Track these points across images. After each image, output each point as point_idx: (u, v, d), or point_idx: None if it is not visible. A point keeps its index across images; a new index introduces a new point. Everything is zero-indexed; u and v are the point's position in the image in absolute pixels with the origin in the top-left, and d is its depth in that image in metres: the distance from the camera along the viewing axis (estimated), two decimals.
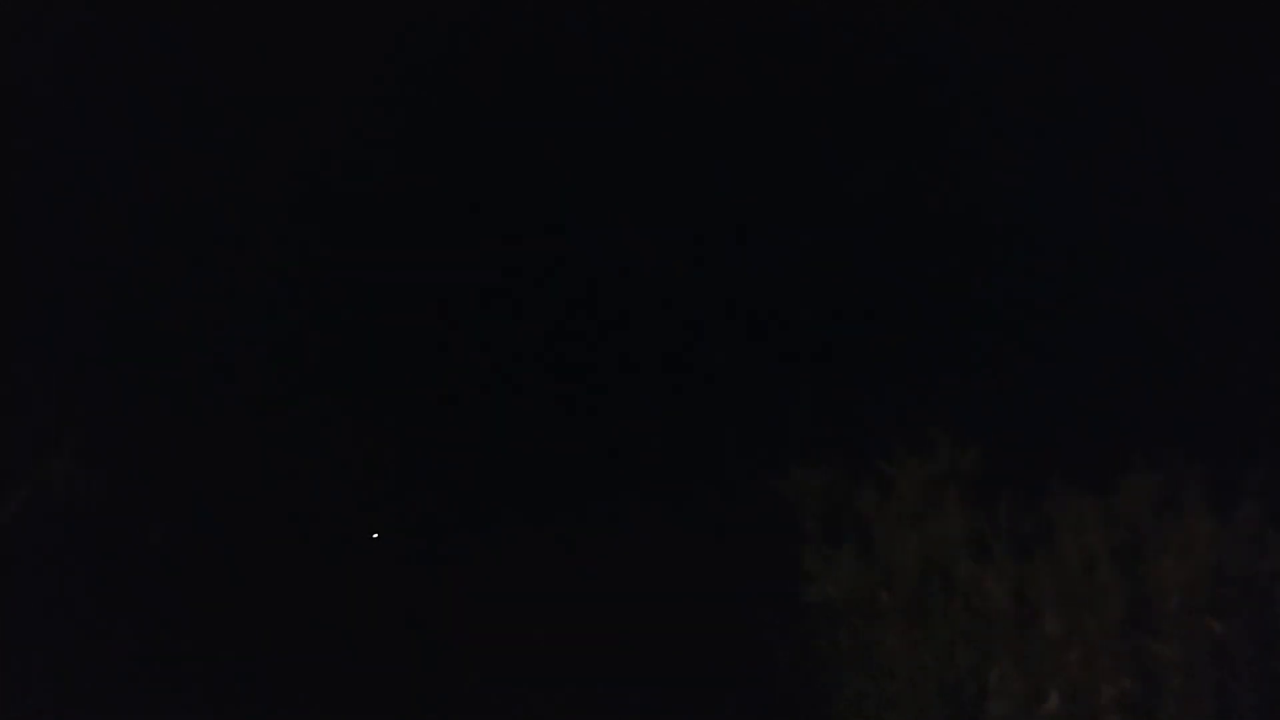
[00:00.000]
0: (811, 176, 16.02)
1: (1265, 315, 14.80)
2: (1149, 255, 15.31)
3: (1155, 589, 13.02)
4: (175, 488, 14.38)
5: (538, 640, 15.07)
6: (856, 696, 13.99)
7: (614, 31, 16.20)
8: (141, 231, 14.78)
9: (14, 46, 14.32)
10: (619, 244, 16.05)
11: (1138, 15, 15.14)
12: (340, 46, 15.28)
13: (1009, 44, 15.28)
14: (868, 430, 13.97)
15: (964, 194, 15.56)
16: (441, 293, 16.39)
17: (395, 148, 16.13)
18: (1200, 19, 15.00)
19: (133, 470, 13.95)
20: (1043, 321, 15.36)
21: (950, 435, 13.66)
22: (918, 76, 15.82)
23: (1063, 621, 13.08)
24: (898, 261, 15.57)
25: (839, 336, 15.62)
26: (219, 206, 15.24)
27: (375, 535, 16.23)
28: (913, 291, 15.47)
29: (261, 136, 15.29)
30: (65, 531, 13.62)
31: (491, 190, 16.61)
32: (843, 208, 15.88)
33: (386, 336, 16.25)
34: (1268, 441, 13.32)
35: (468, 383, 16.44)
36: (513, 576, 15.33)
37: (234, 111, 15.31)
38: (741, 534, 14.72)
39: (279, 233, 15.62)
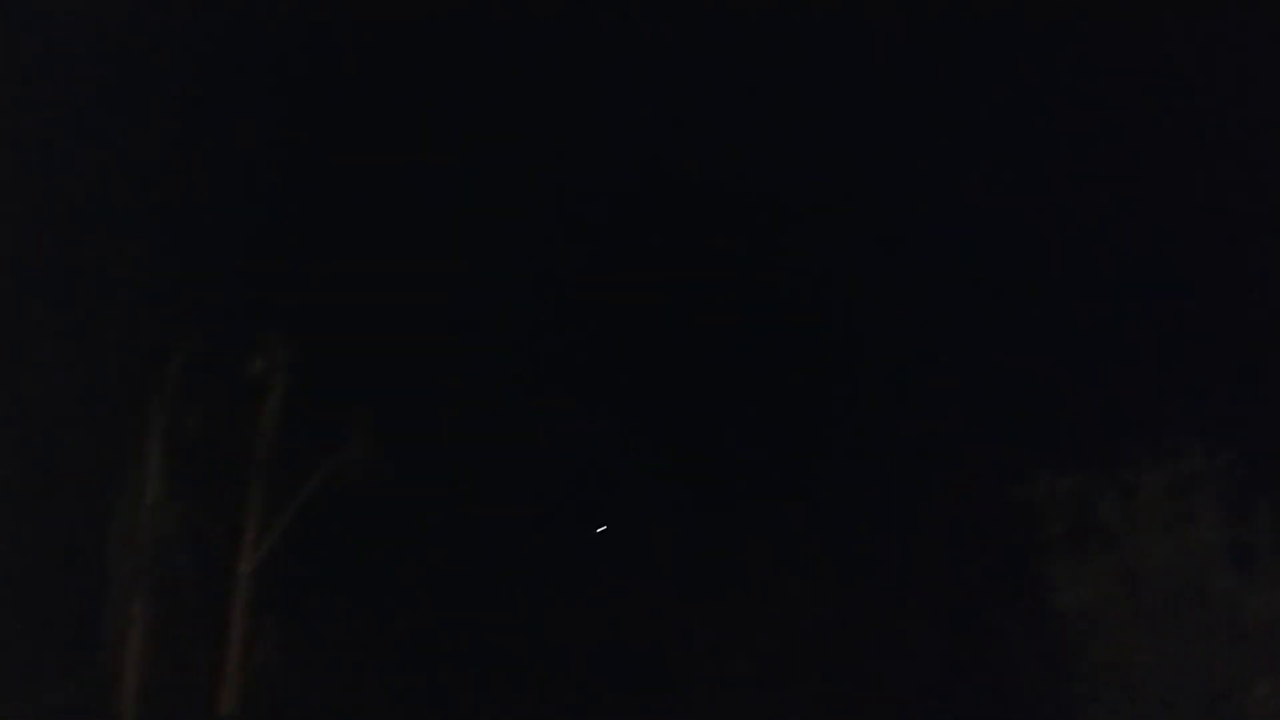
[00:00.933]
0: (1058, 196, 15.78)
1: None
2: None
3: None
4: (456, 474, 15.50)
5: (768, 638, 15.37)
6: (1108, 711, 13.51)
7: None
8: (441, 235, 15.92)
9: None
10: (865, 251, 16.22)
11: None
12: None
13: None
14: (1113, 435, 13.47)
15: (1219, 199, 14.84)
16: (703, 297, 16.97)
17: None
18: None
19: (419, 456, 15.15)
20: None
21: (1202, 439, 12.97)
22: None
23: None
24: (1145, 266, 14.97)
25: (1080, 342, 15.15)
26: (526, 220, 16.27)
27: (602, 529, 17.05)
28: (1160, 295, 14.80)
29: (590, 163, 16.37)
30: (357, 511, 14.98)
31: (752, 205, 17.08)
32: (1090, 222, 15.52)
33: (647, 338, 16.93)
34: None
35: (719, 385, 16.93)
36: (750, 574, 15.68)
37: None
38: (984, 540, 14.51)
39: (569, 247, 16.64)
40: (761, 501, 16.03)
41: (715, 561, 15.95)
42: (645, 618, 15.32)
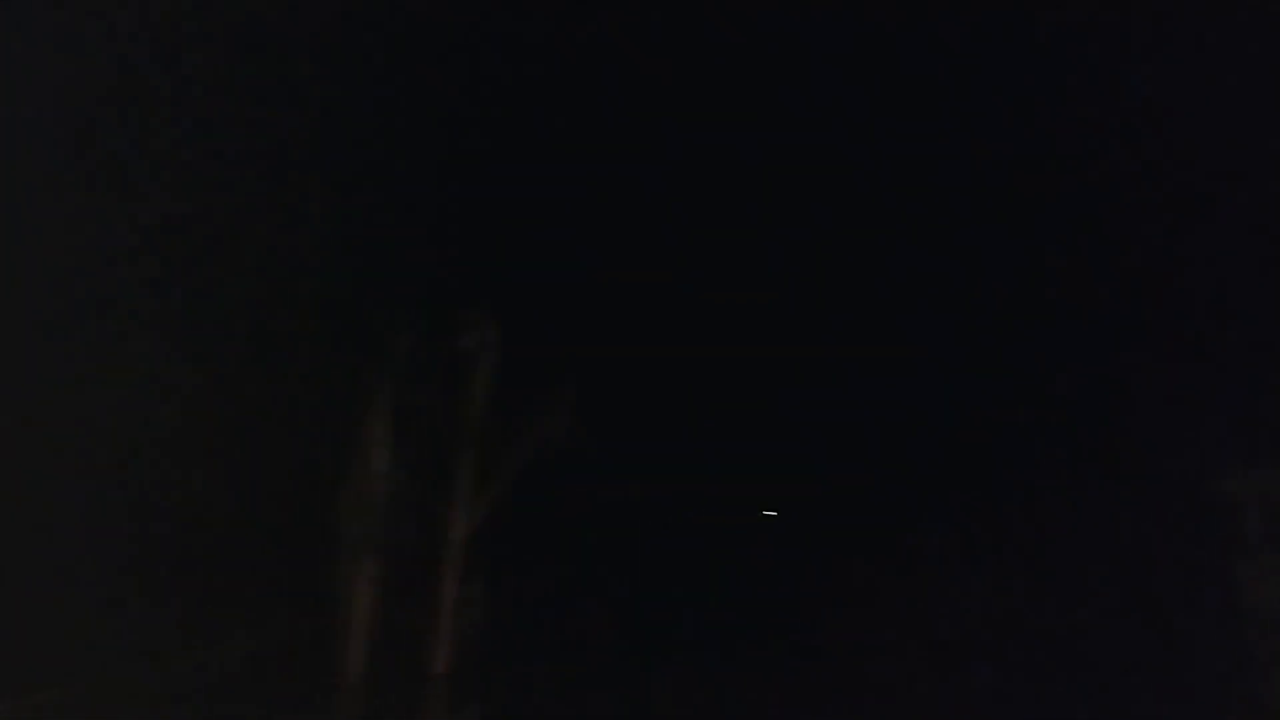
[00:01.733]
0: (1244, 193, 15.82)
1: None
2: None
3: None
4: (653, 452, 16.16)
5: (952, 633, 15.87)
6: None
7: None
8: (651, 214, 16.41)
9: None
10: (1061, 244, 16.44)
11: None
12: None
13: None
14: None
15: None
16: (901, 289, 17.36)
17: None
18: None
19: (620, 432, 15.81)
20: None
21: None
22: None
23: None
24: None
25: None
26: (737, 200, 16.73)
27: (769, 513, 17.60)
28: None
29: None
30: (561, 484, 15.70)
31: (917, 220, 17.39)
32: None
33: (856, 326, 17.37)
34: None
35: (911, 375, 17.32)
36: (936, 569, 16.16)
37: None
38: (1176, 538, 14.81)
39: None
40: (952, 496, 16.56)
41: (904, 556, 16.53)
42: (842, 603, 15.93)
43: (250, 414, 14.90)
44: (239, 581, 15.15)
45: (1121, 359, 16.33)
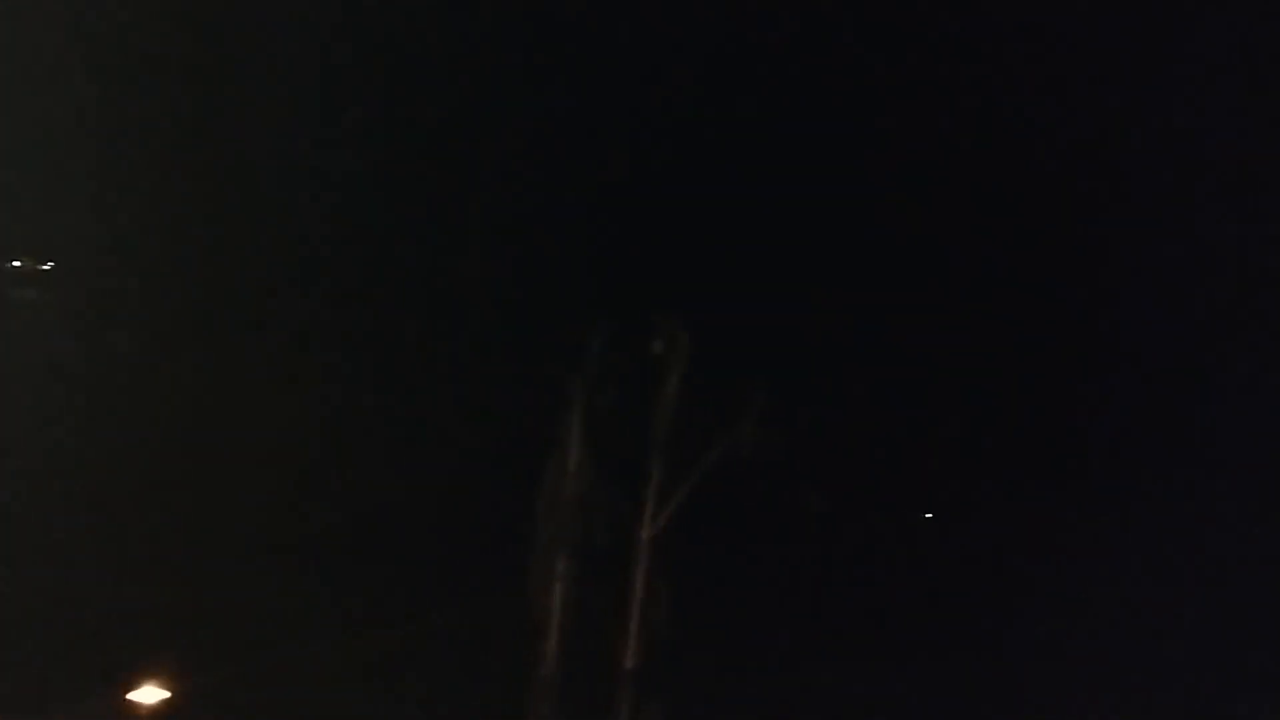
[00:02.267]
0: None
1: None
2: None
3: None
4: (834, 458, 16.78)
5: (1126, 626, 16.57)
6: None
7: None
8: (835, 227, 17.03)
9: None
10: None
11: None
12: None
13: None
14: None
15: None
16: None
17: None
18: None
19: (805, 438, 16.39)
20: None
21: None
22: None
23: None
24: None
25: None
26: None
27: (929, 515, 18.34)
28: None
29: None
30: (748, 485, 16.24)
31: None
32: None
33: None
34: None
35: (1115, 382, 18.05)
36: (1089, 562, 16.93)
37: None
38: None
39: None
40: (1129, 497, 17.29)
41: (1081, 555, 17.10)
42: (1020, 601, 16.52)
43: (456, 415, 15.32)
44: (443, 572, 15.58)
45: None
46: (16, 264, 25.89)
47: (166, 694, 14.70)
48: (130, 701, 14.58)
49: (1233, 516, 16.49)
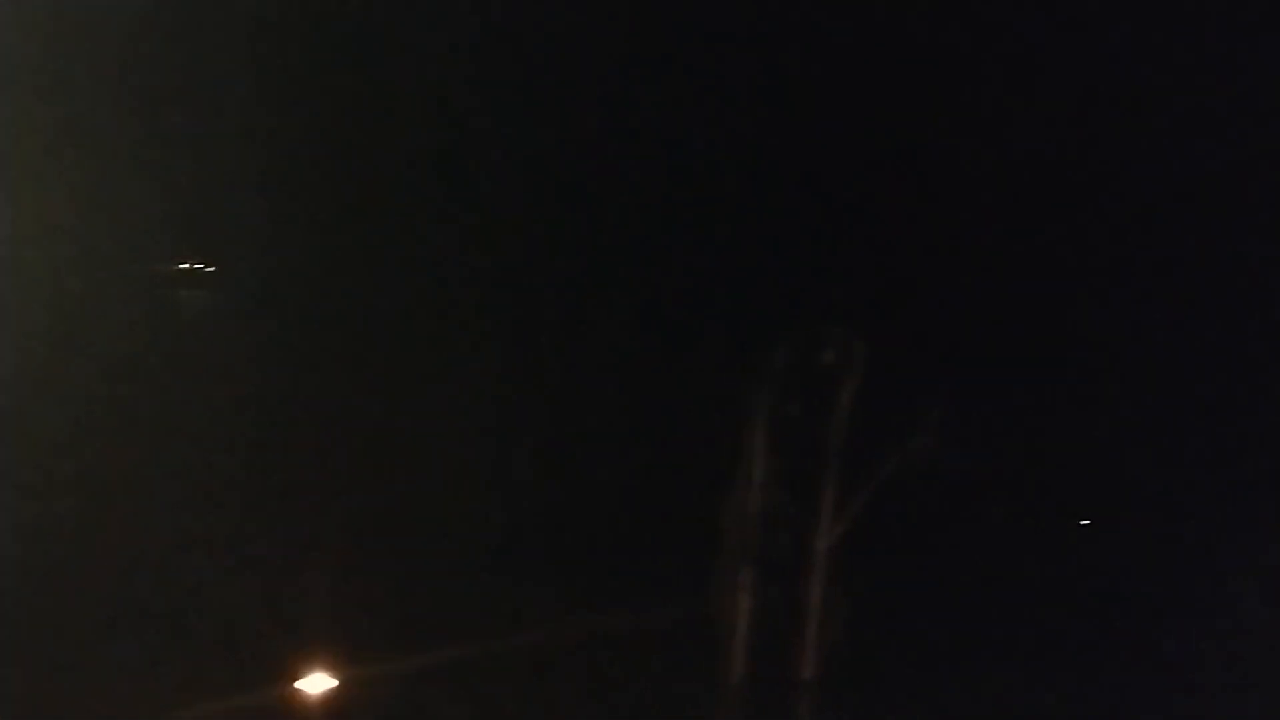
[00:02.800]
0: None
1: None
2: None
3: None
4: (1011, 463, 16.87)
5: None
6: None
7: None
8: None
9: None
10: None
11: None
12: None
13: None
14: None
15: None
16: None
17: None
18: None
19: (983, 454, 16.51)
20: None
21: None
22: None
23: None
24: None
25: None
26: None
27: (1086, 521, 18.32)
28: None
29: None
30: (925, 496, 16.40)
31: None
32: None
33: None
34: None
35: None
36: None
37: None
38: None
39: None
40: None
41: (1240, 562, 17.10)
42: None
43: (643, 423, 15.66)
44: (625, 578, 15.97)
45: None
46: (184, 266, 26.72)
47: (334, 683, 15.18)
48: (298, 689, 15.08)
49: None
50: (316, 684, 15.02)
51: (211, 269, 26.83)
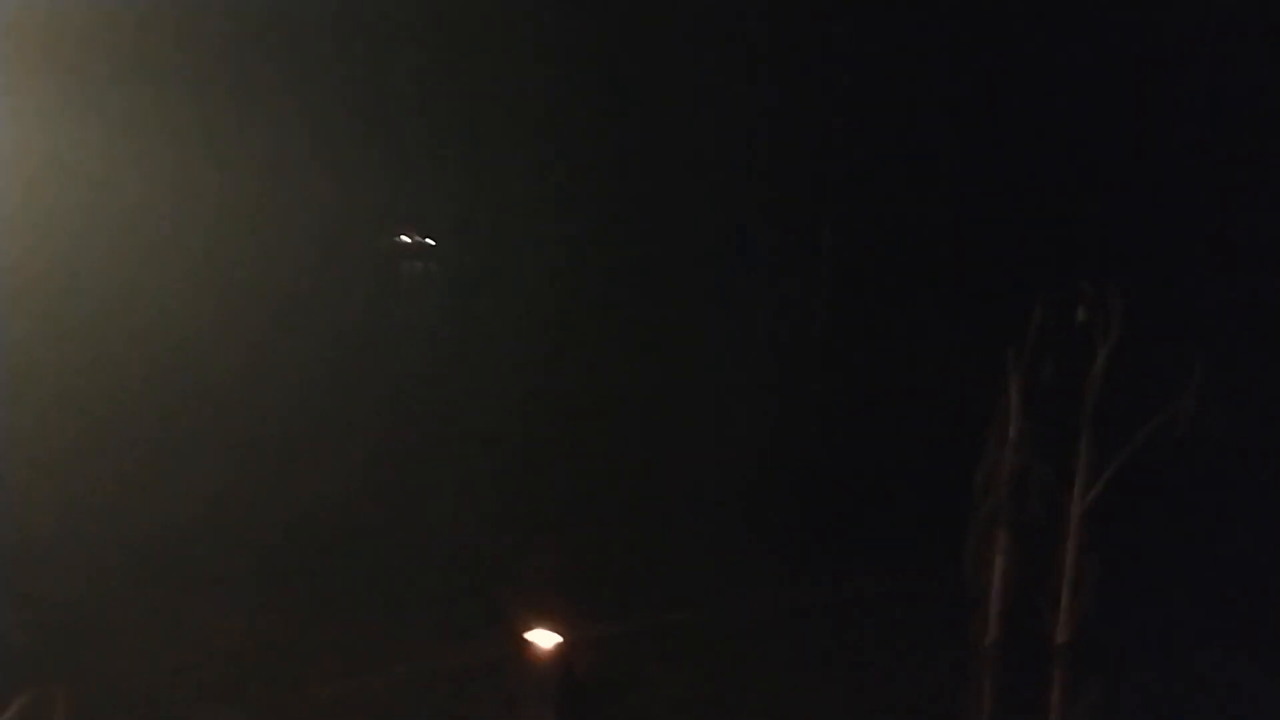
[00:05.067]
0: None
1: None
2: None
3: None
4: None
5: None
6: None
7: None
8: None
9: None
10: None
11: None
12: None
13: None
14: None
15: None
16: None
17: None
18: None
19: (1248, 415, 16.00)
20: None
21: None
22: None
23: None
24: None
25: None
26: None
27: None
28: None
29: None
30: (1185, 461, 15.96)
31: None
32: None
33: None
34: None
35: None
36: None
37: None
38: None
39: None
40: None
41: None
42: None
43: (895, 385, 15.61)
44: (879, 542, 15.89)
45: None
46: (405, 239, 27.61)
47: (559, 639, 15.42)
48: (526, 641, 15.34)
49: None
50: (544, 639, 15.28)
51: (431, 242, 27.62)
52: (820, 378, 17.25)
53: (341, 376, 23.74)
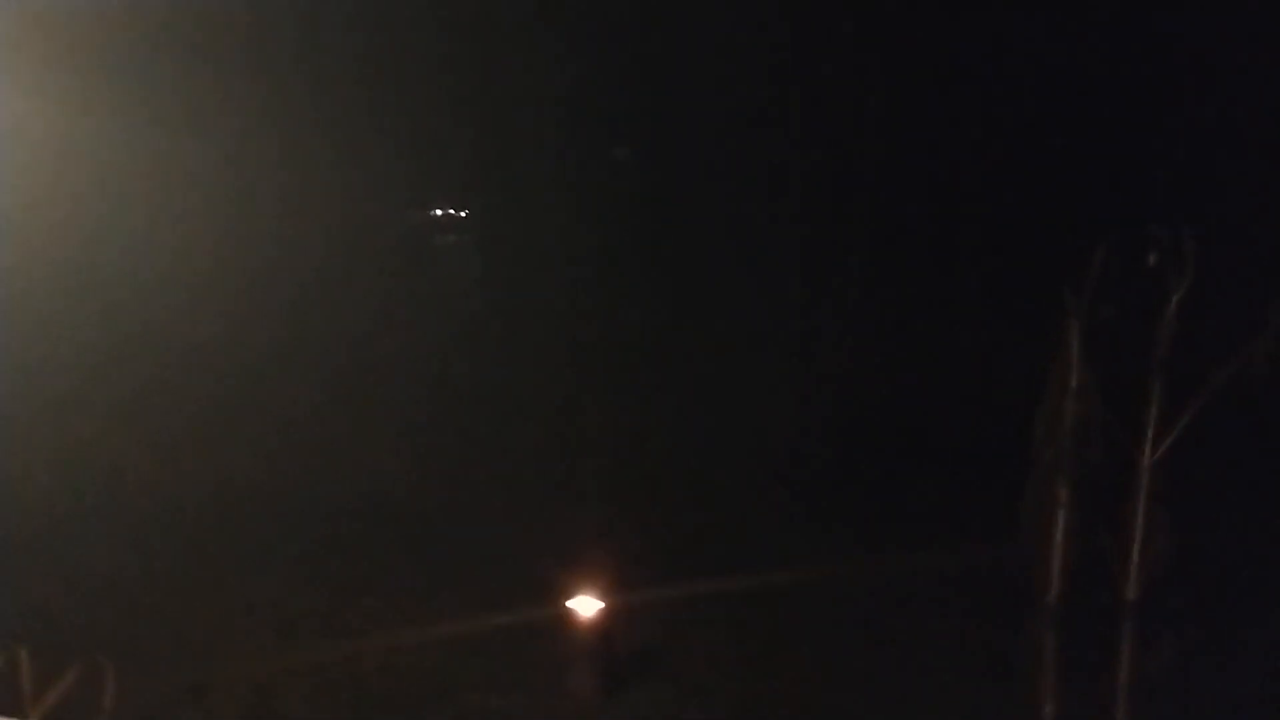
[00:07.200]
0: None
1: None
2: None
3: None
4: None
5: None
6: None
7: None
8: None
9: None
10: None
11: None
12: None
13: None
14: None
15: None
16: None
17: None
18: None
19: None
20: None
21: None
22: None
23: None
24: None
25: None
26: None
27: None
28: None
29: None
30: (1260, 409, 15.28)
31: None
32: None
33: None
34: None
35: None
36: None
37: None
38: None
39: None
40: None
41: None
42: None
43: (954, 334, 15.06)
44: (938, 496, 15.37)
45: None
46: (438, 212, 27.26)
47: (601, 605, 15.12)
48: (568, 608, 15.08)
49: None
50: (586, 606, 15.03)
51: (464, 215, 27.28)
52: (874, 329, 16.72)
53: (378, 347, 23.55)
